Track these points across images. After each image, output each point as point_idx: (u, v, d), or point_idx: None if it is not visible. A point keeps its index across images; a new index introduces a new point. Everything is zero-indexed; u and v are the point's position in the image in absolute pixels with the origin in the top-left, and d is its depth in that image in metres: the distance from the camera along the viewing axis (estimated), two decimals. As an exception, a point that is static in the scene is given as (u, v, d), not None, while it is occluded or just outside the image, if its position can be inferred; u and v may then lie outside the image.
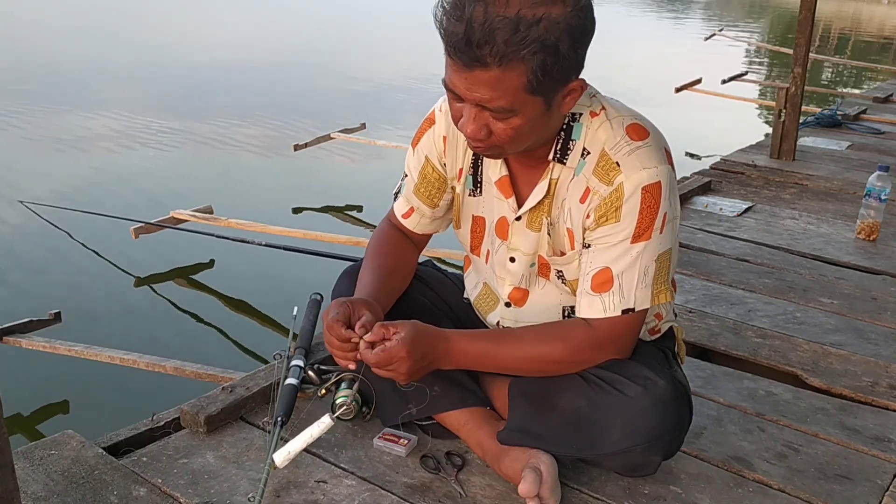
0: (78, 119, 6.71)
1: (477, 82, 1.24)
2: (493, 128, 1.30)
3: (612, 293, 1.41)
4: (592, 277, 1.43)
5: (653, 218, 1.38)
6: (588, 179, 1.41)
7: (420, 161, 1.60)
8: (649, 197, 1.37)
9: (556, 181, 1.45)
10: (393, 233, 1.69)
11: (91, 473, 1.52)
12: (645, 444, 1.42)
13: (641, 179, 1.36)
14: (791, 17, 18.10)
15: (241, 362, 3.04)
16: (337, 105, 7.77)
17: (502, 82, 1.23)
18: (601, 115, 1.41)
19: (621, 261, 1.40)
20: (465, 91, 1.27)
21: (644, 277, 1.41)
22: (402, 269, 1.66)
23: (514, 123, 1.29)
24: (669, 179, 1.39)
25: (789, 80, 4.32)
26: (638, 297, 1.42)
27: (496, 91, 1.24)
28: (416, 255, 1.72)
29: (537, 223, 1.49)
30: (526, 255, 1.53)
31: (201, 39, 11.92)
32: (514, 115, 1.28)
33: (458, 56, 1.23)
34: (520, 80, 1.23)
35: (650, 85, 8.76)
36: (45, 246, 4.09)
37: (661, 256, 1.42)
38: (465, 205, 1.60)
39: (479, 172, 1.55)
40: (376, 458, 1.62)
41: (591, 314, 1.44)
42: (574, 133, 1.41)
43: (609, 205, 1.38)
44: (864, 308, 2.50)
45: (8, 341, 2.70)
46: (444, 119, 1.55)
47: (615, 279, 1.41)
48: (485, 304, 1.67)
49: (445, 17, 1.24)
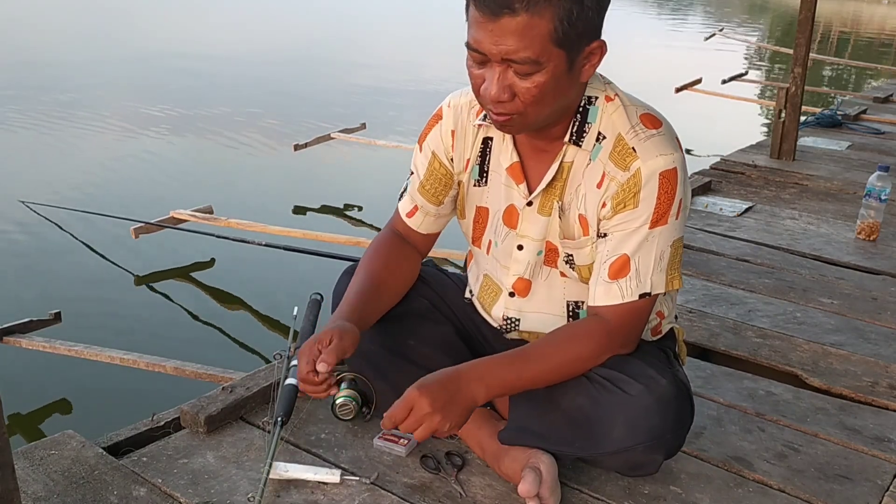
0: (78, 119, 6.70)
1: (504, 32, 1.25)
2: (516, 88, 1.31)
3: (629, 278, 1.42)
4: (610, 265, 1.43)
5: (670, 203, 1.39)
6: (605, 164, 1.42)
7: (427, 157, 1.60)
8: (666, 182, 1.38)
9: (571, 165, 1.46)
10: (390, 240, 1.67)
11: (91, 473, 1.52)
12: (647, 443, 1.42)
13: (658, 165, 1.38)
14: (791, 17, 18.09)
15: (241, 362, 3.04)
16: (337, 105, 7.77)
17: (530, 29, 1.24)
18: (616, 100, 1.43)
19: (639, 247, 1.41)
20: (490, 45, 1.27)
21: (660, 262, 1.43)
22: (395, 277, 1.63)
23: (539, 81, 1.29)
24: (684, 166, 1.42)
25: (789, 80, 4.32)
26: (654, 281, 1.43)
27: (523, 39, 1.25)
28: (417, 260, 1.69)
29: (548, 207, 1.49)
30: (534, 242, 1.52)
31: (202, 40, 11.91)
32: (539, 71, 1.28)
33: (487, 5, 1.24)
34: (546, 27, 1.25)
35: (650, 85, 8.74)
36: (45, 246, 4.09)
37: (676, 242, 1.45)
38: (469, 195, 1.60)
39: (486, 162, 1.55)
40: (376, 458, 1.62)
41: (606, 301, 1.44)
42: (590, 116, 1.43)
43: (627, 191, 1.39)
44: (864, 308, 2.50)
45: (8, 341, 2.71)
46: (451, 114, 1.56)
47: (632, 264, 1.42)
48: (488, 296, 1.66)
49: None
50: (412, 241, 1.68)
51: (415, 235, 1.67)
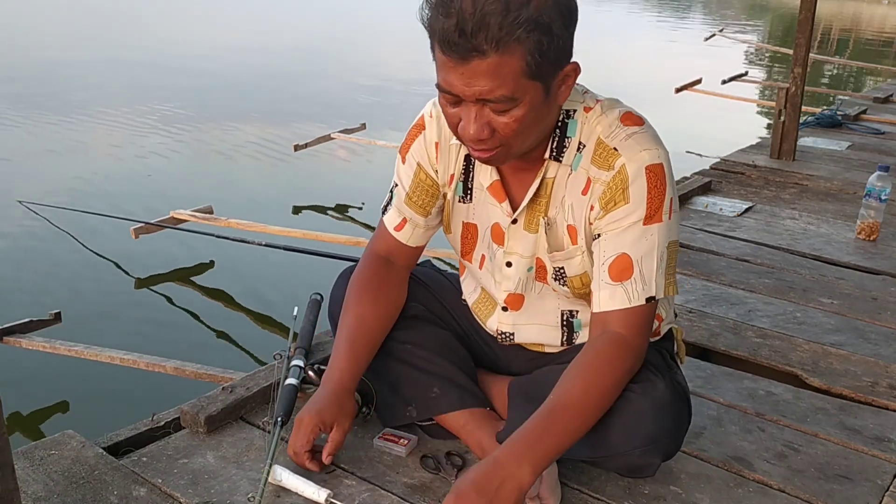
0: (78, 119, 6.71)
1: (475, 74, 1.22)
2: (495, 124, 1.28)
3: (633, 280, 1.37)
4: (609, 267, 1.39)
5: (661, 199, 1.36)
6: (588, 170, 1.40)
7: (412, 168, 1.56)
8: (654, 177, 1.36)
9: (553, 180, 1.44)
10: (374, 273, 1.62)
11: (91, 473, 1.52)
12: (643, 447, 1.41)
13: (643, 160, 1.36)
14: (791, 17, 18.09)
15: (241, 362, 3.04)
16: (337, 105, 7.77)
17: (501, 68, 1.21)
18: (596, 107, 1.41)
19: (638, 245, 1.37)
20: (463, 88, 1.24)
21: (661, 264, 1.39)
22: (385, 315, 1.61)
23: (517, 115, 1.27)
24: (669, 163, 1.39)
25: (789, 80, 4.32)
26: (658, 285, 1.39)
27: (496, 79, 1.22)
28: (405, 284, 1.66)
29: (534, 224, 1.48)
30: (523, 259, 1.51)
31: (201, 40, 11.92)
32: (516, 105, 1.26)
33: (454, 50, 1.21)
34: (518, 63, 1.22)
35: (650, 85, 8.76)
36: (45, 246, 4.09)
37: (671, 245, 1.41)
38: (454, 211, 1.58)
39: (470, 179, 1.53)
40: (376, 458, 1.62)
41: (612, 306, 1.38)
42: (569, 130, 1.41)
43: (615, 188, 1.36)
44: (864, 308, 2.50)
45: (8, 341, 2.70)
46: (434, 124, 1.52)
47: (635, 265, 1.37)
48: (483, 309, 1.66)
49: (433, 14, 1.23)
50: (398, 258, 1.64)
51: (402, 250, 1.63)
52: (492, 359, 1.71)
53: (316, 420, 1.49)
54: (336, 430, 1.51)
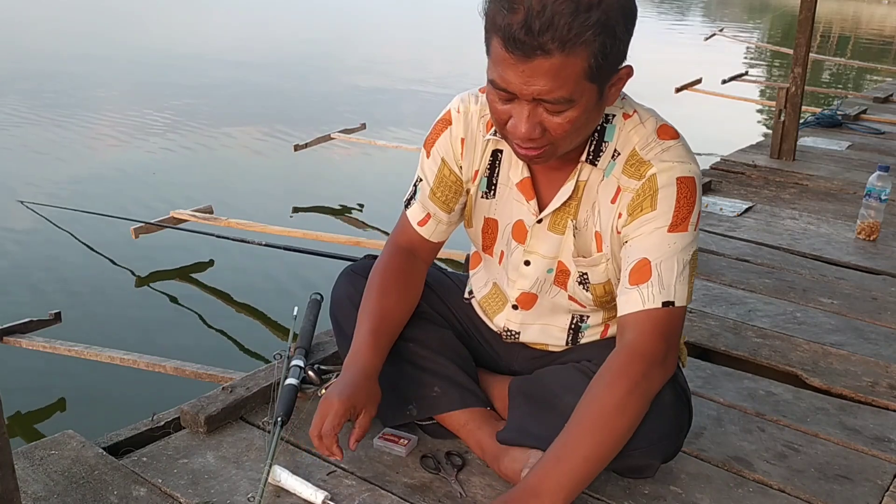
0: (78, 119, 6.71)
1: (536, 73, 1.20)
2: (547, 124, 1.26)
3: (650, 283, 1.35)
4: (630, 272, 1.37)
5: (690, 210, 1.35)
6: (618, 179, 1.39)
7: (436, 163, 1.55)
8: (684, 188, 1.35)
9: (585, 183, 1.43)
10: (399, 265, 1.61)
11: (91, 473, 1.52)
12: (643, 448, 1.41)
13: (675, 171, 1.35)
14: (791, 17, 18.09)
15: (241, 362, 3.04)
16: (337, 105, 7.77)
17: (564, 69, 1.19)
18: (634, 116, 1.40)
19: (659, 250, 1.36)
20: (521, 86, 1.22)
21: (683, 271, 1.37)
22: (408, 306, 1.61)
23: (570, 116, 1.25)
24: (700, 179, 1.38)
25: (789, 80, 4.32)
26: (678, 291, 1.35)
27: (557, 80, 1.20)
28: (424, 276, 1.66)
29: (561, 226, 1.46)
30: (545, 259, 1.50)
31: (202, 40, 11.92)
32: (571, 107, 1.24)
33: (518, 47, 1.18)
34: (581, 65, 1.20)
35: (650, 85, 8.73)
36: (45, 246, 4.09)
37: (693, 256, 1.40)
38: (476, 206, 1.57)
39: (496, 175, 1.52)
40: (376, 458, 1.62)
41: (627, 309, 1.37)
42: (607, 134, 1.40)
43: (643, 194, 1.36)
44: (864, 308, 2.50)
45: (8, 341, 2.71)
46: (461, 120, 1.51)
47: (653, 269, 1.36)
48: (492, 304, 1.65)
49: (496, 8, 1.21)
50: (420, 252, 1.64)
51: (425, 245, 1.63)
52: (493, 358, 1.71)
53: (347, 404, 1.44)
54: (364, 415, 1.47)
